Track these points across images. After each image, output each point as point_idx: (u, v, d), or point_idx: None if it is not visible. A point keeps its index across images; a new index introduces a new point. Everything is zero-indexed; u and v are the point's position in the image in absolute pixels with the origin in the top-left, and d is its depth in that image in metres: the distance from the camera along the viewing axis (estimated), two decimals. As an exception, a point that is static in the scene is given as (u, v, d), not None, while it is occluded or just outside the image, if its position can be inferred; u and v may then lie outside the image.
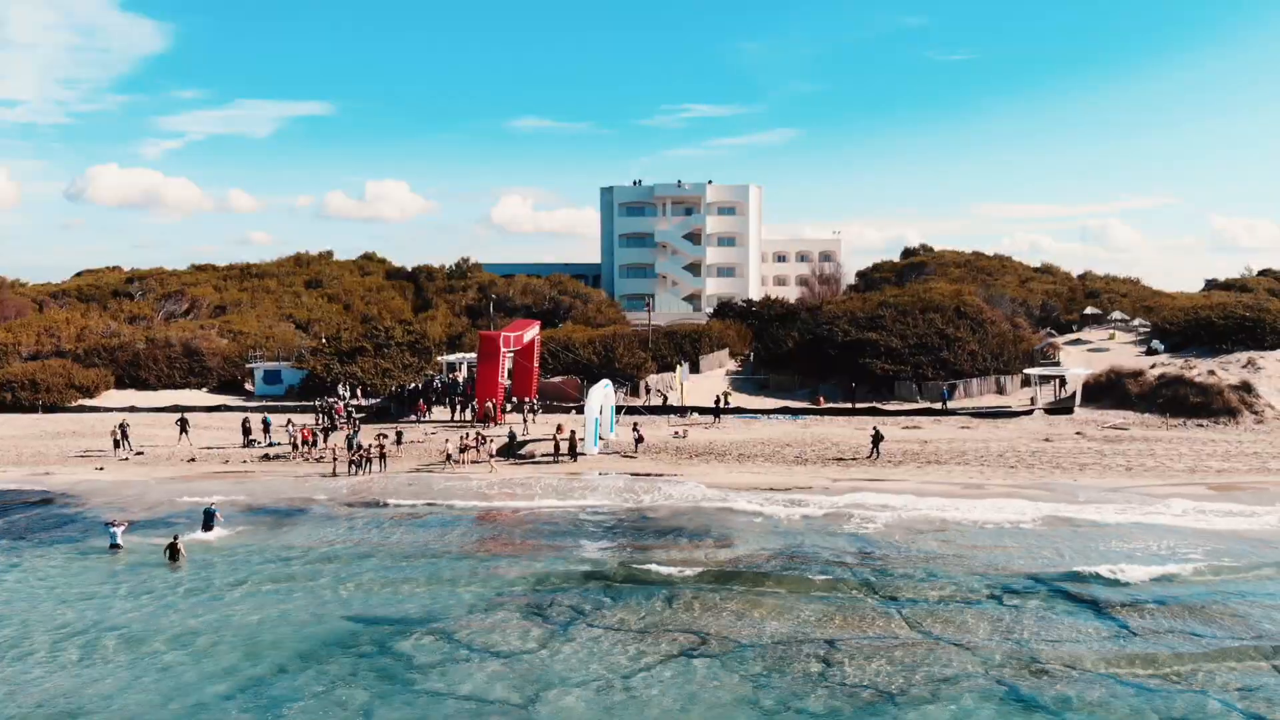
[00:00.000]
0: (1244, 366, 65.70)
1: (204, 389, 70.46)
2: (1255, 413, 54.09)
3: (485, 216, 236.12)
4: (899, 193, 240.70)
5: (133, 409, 62.42)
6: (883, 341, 63.42)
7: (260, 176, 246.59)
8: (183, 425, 52.53)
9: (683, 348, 68.93)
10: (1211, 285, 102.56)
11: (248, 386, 70.49)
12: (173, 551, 30.83)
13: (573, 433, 48.24)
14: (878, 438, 46.94)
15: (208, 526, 33.74)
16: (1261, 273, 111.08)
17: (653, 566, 29.34)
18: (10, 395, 63.84)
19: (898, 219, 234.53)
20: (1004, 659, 21.74)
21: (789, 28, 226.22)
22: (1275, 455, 46.40)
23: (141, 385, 70.23)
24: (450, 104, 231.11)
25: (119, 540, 32.12)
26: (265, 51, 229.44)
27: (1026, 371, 59.70)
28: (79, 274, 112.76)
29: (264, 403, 64.67)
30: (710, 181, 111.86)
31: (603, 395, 50.70)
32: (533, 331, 61.17)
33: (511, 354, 60.11)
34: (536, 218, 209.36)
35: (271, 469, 46.94)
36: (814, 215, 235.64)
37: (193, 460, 49.09)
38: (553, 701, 19.82)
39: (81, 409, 63.78)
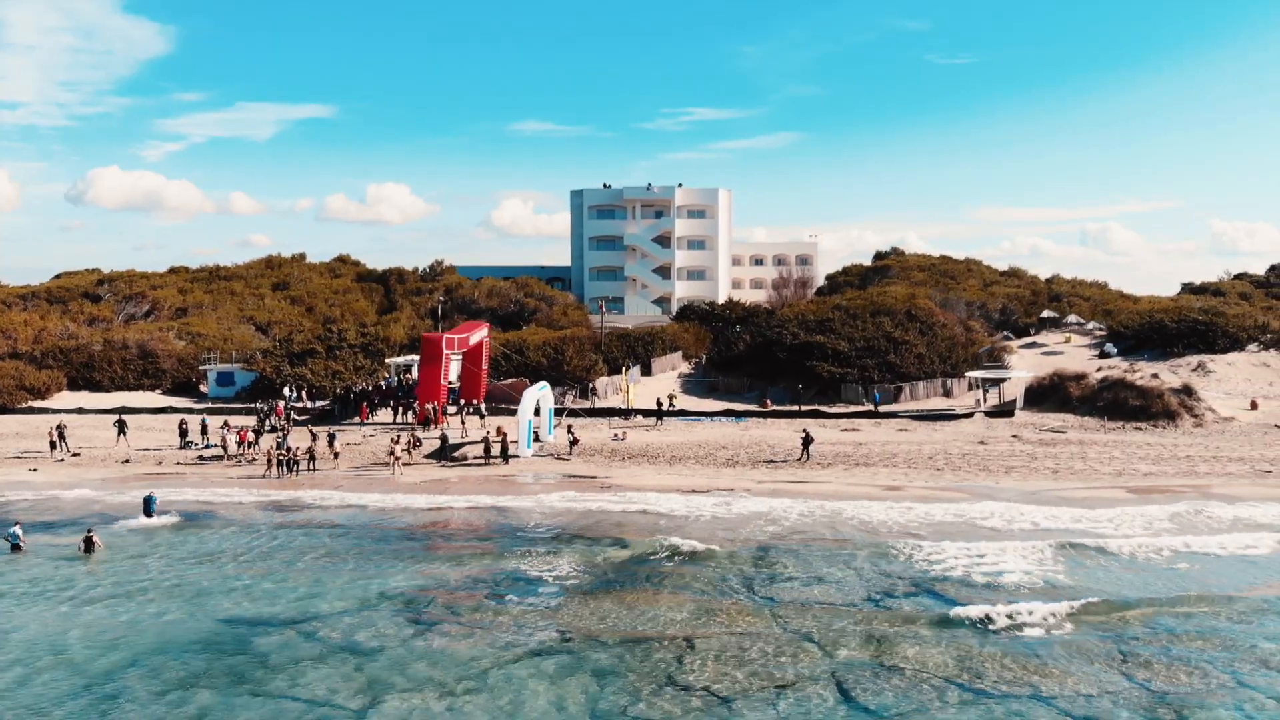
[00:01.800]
0: (1194, 370, 66.01)
1: (157, 391, 70.39)
2: (1195, 416, 54.19)
3: (486, 219, 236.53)
4: (900, 196, 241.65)
5: (80, 410, 62.42)
6: (830, 344, 63.50)
7: (261, 179, 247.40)
8: (121, 427, 52.51)
9: (635, 350, 68.97)
10: (1187, 289, 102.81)
11: (202, 388, 70.44)
12: (88, 544, 31.50)
13: (504, 435, 48.27)
14: (808, 440, 47.03)
15: (148, 513, 35.71)
16: (1237, 276, 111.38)
17: (544, 567, 29.42)
18: (-42, 396, 63.75)
19: (899, 222, 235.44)
20: (853, 658, 21.80)
21: (789, 31, 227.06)
22: (1206, 458, 46.48)
23: (95, 387, 70.16)
24: (451, 107, 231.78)
25: (20, 541, 32.16)
26: (266, 54, 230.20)
27: (969, 375, 59.76)
28: (57, 276, 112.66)
29: (214, 405, 64.70)
30: (680, 185, 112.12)
31: (538, 397, 50.69)
32: (480, 334, 61.13)
33: (459, 356, 60.10)
34: (537, 221, 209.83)
35: (203, 470, 46.96)
36: (815, 219, 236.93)
37: (127, 461, 49.11)
38: (392, 702, 19.87)
39: (30, 410, 63.69)
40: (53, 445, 49.85)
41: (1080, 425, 54.57)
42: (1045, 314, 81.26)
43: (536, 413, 52.21)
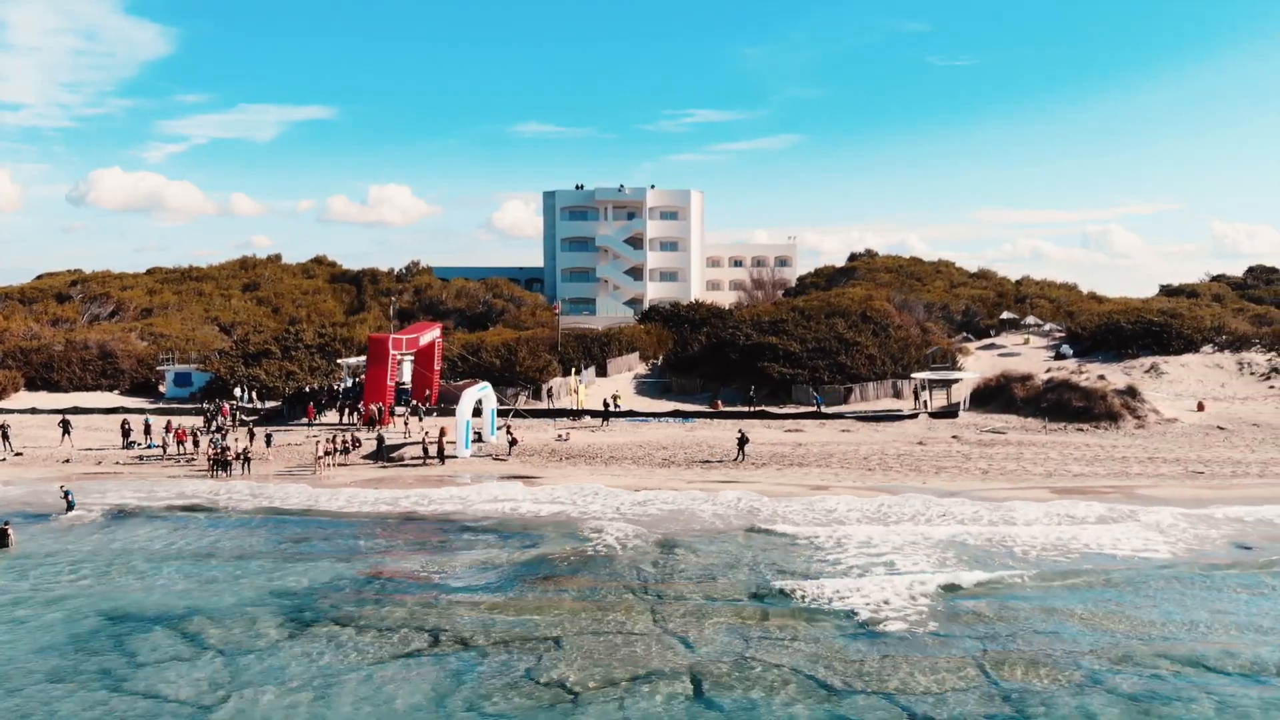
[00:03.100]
0: (1147, 371, 66.25)
1: (115, 391, 70.44)
2: (1138, 417, 54.35)
3: (488, 221, 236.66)
4: (901, 198, 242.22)
5: (34, 410, 62.45)
6: (782, 345, 63.67)
7: (263, 180, 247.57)
8: (65, 427, 52.65)
9: (591, 351, 69.10)
10: (1164, 290, 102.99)
11: (161, 389, 70.53)
12: (2, 537, 32.40)
13: (441, 435, 48.41)
14: (743, 440, 47.20)
15: (70, 507, 36.87)
16: (1216, 278, 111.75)
17: (441, 567, 29.59)
18: (-88, 397, 63.89)
19: (900, 224, 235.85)
20: (716, 656, 21.95)
21: (791, 33, 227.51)
22: (1142, 459, 46.64)
23: (53, 387, 70.20)
24: (453, 109, 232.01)
25: (-68, 536, 32.50)
26: (268, 56, 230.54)
27: (914, 376, 59.91)
28: (39, 276, 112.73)
29: (169, 405, 64.80)
30: (652, 186, 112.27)
31: (479, 398, 50.85)
32: (431, 334, 61.27)
33: (409, 357, 60.25)
34: (538, 222, 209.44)
35: (140, 470, 47.05)
36: (816, 220, 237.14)
37: (67, 461, 49.21)
38: (242, 700, 20.01)
39: (-17, 411, 63.79)
40: (-6, 446, 50.00)
41: (1022, 426, 54.74)
42: (1005, 315, 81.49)
43: (478, 414, 52.42)
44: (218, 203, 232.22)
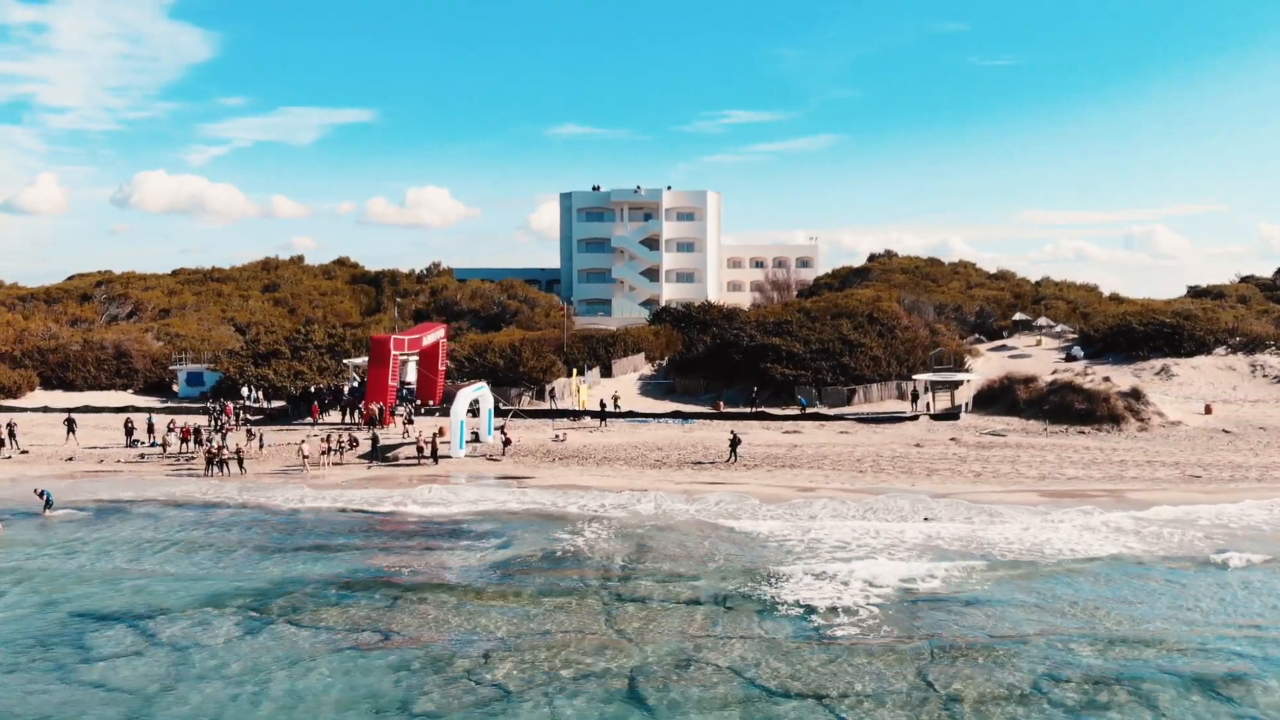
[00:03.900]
0: (1157, 373, 65.46)
1: (129, 390, 71.46)
2: (1141, 420, 53.69)
3: (525, 223, 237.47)
4: (940, 199, 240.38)
5: (45, 409, 63.46)
6: (785, 346, 63.47)
7: (304, 183, 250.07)
8: (70, 425, 53.51)
9: (596, 352, 69.23)
10: (1191, 291, 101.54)
11: (174, 388, 71.45)
12: None
13: (435, 435, 48.70)
14: (735, 441, 47.15)
15: (49, 506, 37.15)
16: (1244, 279, 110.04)
17: (410, 565, 29.80)
18: (-70, 395, 65.18)
19: (939, 225, 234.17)
20: (660, 657, 21.96)
21: (828, 33, 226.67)
22: (1140, 463, 46.11)
23: (68, 386, 71.36)
24: (491, 111, 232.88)
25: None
26: (309, 59, 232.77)
27: (915, 378, 59.51)
28: (70, 278, 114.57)
29: (180, 404, 65.68)
30: (669, 187, 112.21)
31: (472, 398, 51.12)
32: (435, 335, 61.56)
33: (412, 357, 60.68)
34: None
35: (139, 469, 47.71)
36: (853, 221, 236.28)
37: (71, 459, 49.98)
38: (185, 692, 20.27)
39: (0, 409, 64.87)
40: (1, 443, 50.84)
41: (1024, 429, 54.23)
42: (1018, 317, 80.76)
43: (476, 414, 52.71)
44: (259, 205, 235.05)
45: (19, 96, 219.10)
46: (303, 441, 48.17)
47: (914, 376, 59.84)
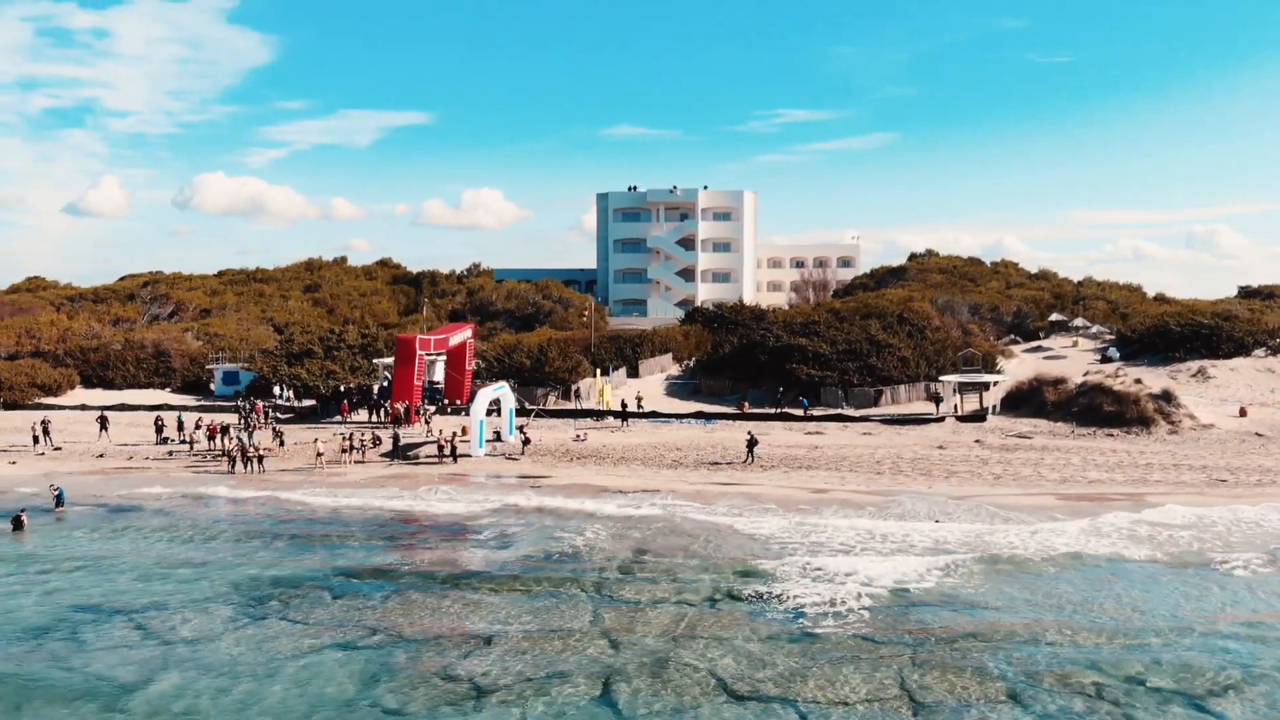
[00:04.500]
0: (1194, 375, 64.24)
1: (167, 389, 72.85)
2: (1171, 423, 52.63)
3: (578, 224, 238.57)
4: (997, 198, 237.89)
5: (83, 407, 64.86)
6: (811, 347, 63.08)
7: (361, 185, 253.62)
8: (103, 423, 54.69)
9: (623, 352, 69.33)
10: (1242, 291, 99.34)
11: (211, 387, 72.72)
12: (16, 523, 34.51)
13: (454, 434, 49.09)
14: (752, 442, 46.99)
15: (59, 503, 37.91)
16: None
17: (409, 562, 30.13)
18: (-26, 393, 66.94)
19: (995, 224, 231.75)
20: (638, 657, 21.97)
21: (884, 31, 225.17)
22: (1166, 466, 45.22)
23: (108, 385, 72.90)
24: (545, 113, 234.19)
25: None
26: (367, 63, 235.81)
27: (941, 379, 58.84)
28: (122, 278, 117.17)
29: (215, 402, 66.85)
30: (705, 187, 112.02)
31: (492, 398, 51.48)
32: (462, 335, 62.00)
33: (439, 357, 61.17)
34: None
35: (166, 465, 48.65)
36: (907, 220, 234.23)
37: (102, 456, 51.08)
38: (165, 684, 20.68)
39: (40, 406, 66.41)
40: (35, 440, 52.11)
41: (1051, 431, 53.40)
42: (1054, 317, 79.54)
43: (497, 413, 53.06)
44: (318, 207, 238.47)
45: (82, 101, 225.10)
46: (316, 439, 48.80)
47: (940, 378, 59.17)
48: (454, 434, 49.24)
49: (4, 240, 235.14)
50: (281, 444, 49.75)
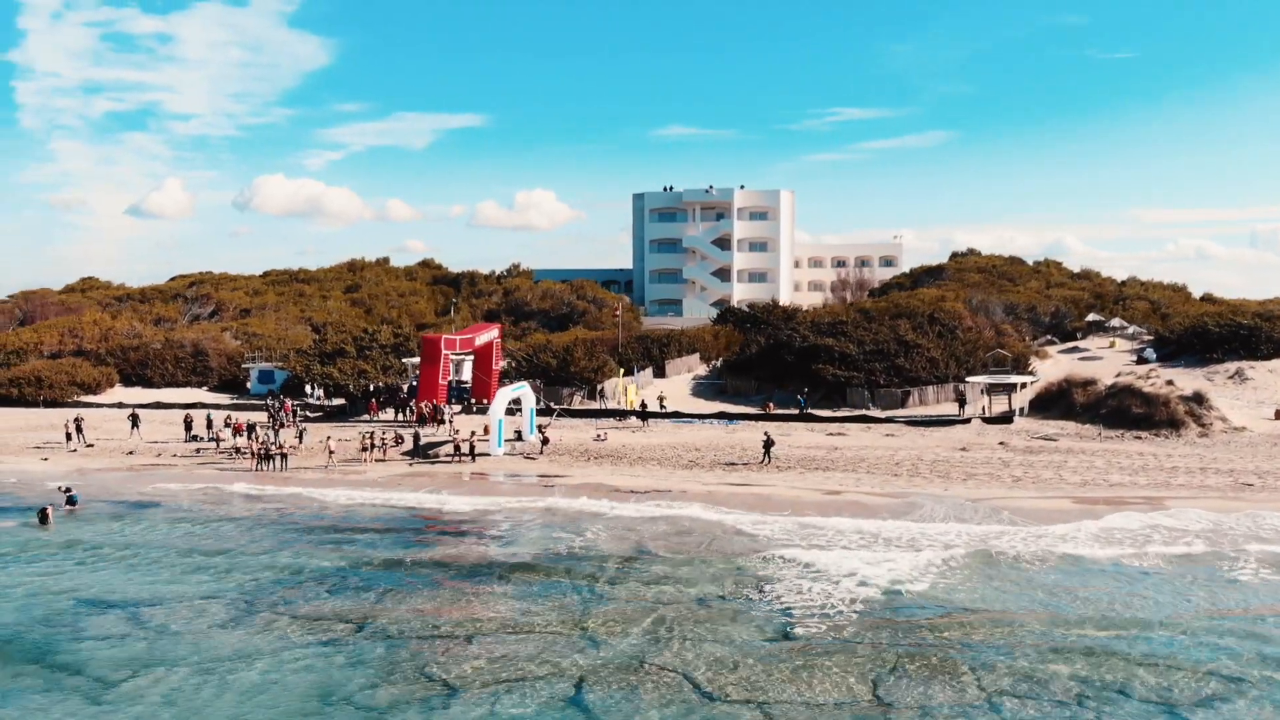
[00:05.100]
0: (1230, 376, 62.85)
1: (204, 387, 74.18)
2: (1202, 425, 51.54)
3: (628, 224, 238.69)
4: (1055, 197, 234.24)
5: (119, 405, 66.26)
6: (838, 347, 62.63)
7: (417, 186, 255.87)
8: (134, 420, 55.83)
9: (650, 352, 69.36)
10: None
11: (247, 385, 73.92)
12: (43, 517, 35.76)
13: (473, 434, 49.46)
14: (769, 443, 46.77)
15: (70, 502, 38.50)
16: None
17: (404, 560, 30.45)
18: (17, 390, 68.65)
19: (1053, 223, 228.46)
20: (614, 658, 21.97)
21: (940, 28, 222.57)
22: (1193, 469, 44.24)
23: (147, 383, 74.36)
24: (598, 114, 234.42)
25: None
26: (422, 66, 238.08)
27: (969, 380, 58.11)
28: (172, 278, 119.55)
29: (252, 400, 67.93)
30: (741, 186, 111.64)
31: (516, 396, 51.80)
32: (488, 335, 62.42)
33: (466, 357, 61.69)
34: None
35: (191, 462, 49.55)
36: (963, 219, 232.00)
37: (131, 453, 52.16)
38: (146, 678, 21.07)
39: (78, 404, 67.96)
40: (68, 437, 53.34)
41: (1078, 433, 52.55)
42: (1091, 318, 78.19)
43: (518, 413, 53.38)
44: (375, 208, 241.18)
45: (145, 104, 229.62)
46: (329, 437, 49.43)
47: (967, 379, 58.48)
48: (472, 433, 49.58)
49: (68, 242, 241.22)
50: (300, 441, 50.39)
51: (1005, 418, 55.29)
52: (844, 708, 19.51)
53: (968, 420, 55.44)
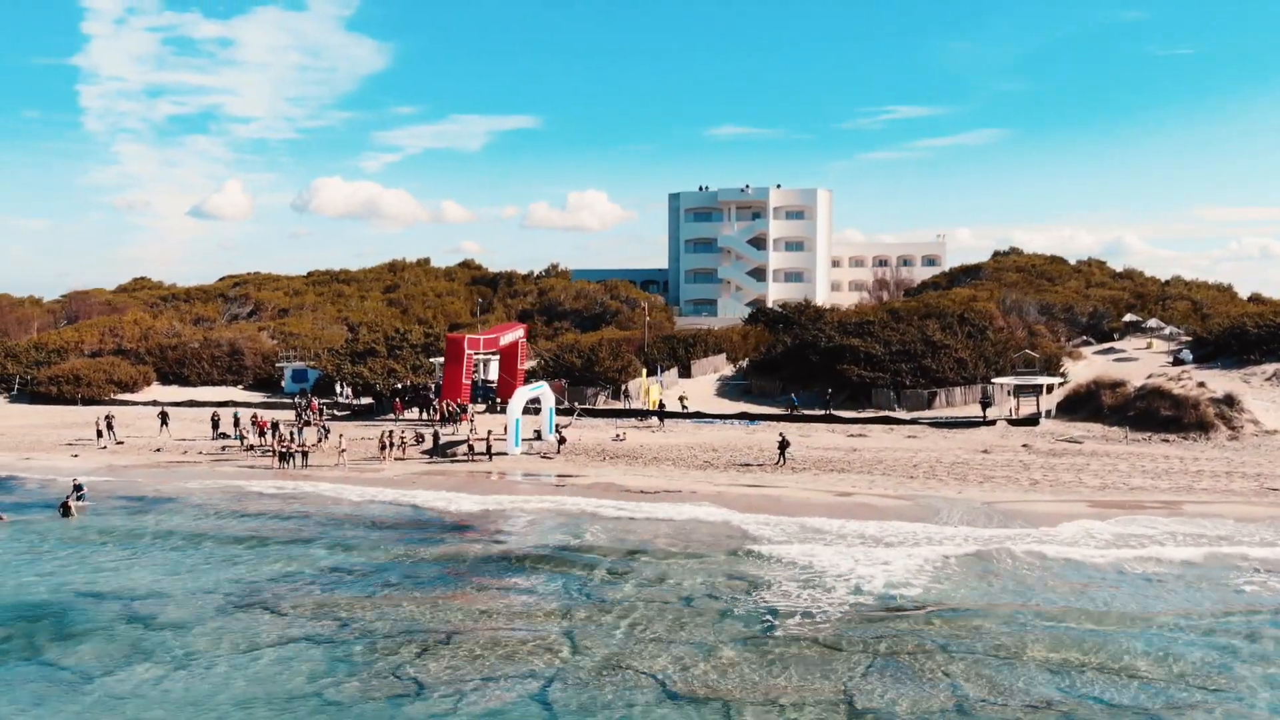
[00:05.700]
0: (1269, 378, 61.24)
1: (239, 386, 75.30)
2: (1233, 428, 50.35)
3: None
4: (1115, 195, 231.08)
5: (154, 403, 67.42)
6: (864, 348, 62.07)
7: (471, 188, 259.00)
8: (163, 418, 56.87)
9: (675, 352, 69.26)
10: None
11: (281, 384, 74.94)
12: (65, 509, 36.98)
13: (489, 433, 49.74)
14: (784, 444, 46.48)
15: (80, 499, 39.22)
16: None
17: (402, 559, 30.75)
18: (56, 388, 70.25)
19: (1113, 222, 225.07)
20: (589, 659, 21.99)
21: (997, 25, 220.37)
22: (1218, 474, 43.23)
23: (183, 382, 75.65)
24: (650, 114, 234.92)
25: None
26: (477, 68, 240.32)
27: (995, 381, 57.29)
28: (220, 279, 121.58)
29: (285, 399, 68.85)
30: (778, 185, 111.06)
31: (535, 395, 52.05)
32: (513, 335, 62.65)
33: (491, 356, 62.04)
34: None
35: (215, 459, 50.39)
36: (1020, 218, 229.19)
37: (159, 450, 53.14)
38: (134, 670, 21.50)
39: (115, 402, 69.33)
40: (99, 434, 54.46)
41: (1104, 436, 51.58)
42: (1128, 318, 76.67)
43: (537, 412, 53.58)
44: (430, 210, 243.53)
45: (206, 107, 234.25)
46: (341, 435, 50.01)
47: (993, 380, 57.67)
48: (489, 432, 49.87)
49: (133, 244, 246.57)
50: (319, 440, 51.05)
51: (1031, 419, 54.45)
52: (809, 709, 19.35)
53: (992, 422, 54.65)
